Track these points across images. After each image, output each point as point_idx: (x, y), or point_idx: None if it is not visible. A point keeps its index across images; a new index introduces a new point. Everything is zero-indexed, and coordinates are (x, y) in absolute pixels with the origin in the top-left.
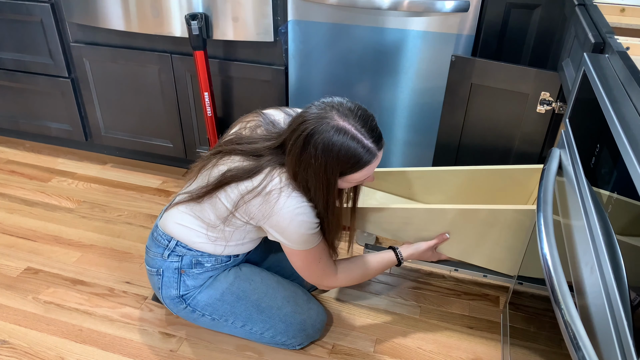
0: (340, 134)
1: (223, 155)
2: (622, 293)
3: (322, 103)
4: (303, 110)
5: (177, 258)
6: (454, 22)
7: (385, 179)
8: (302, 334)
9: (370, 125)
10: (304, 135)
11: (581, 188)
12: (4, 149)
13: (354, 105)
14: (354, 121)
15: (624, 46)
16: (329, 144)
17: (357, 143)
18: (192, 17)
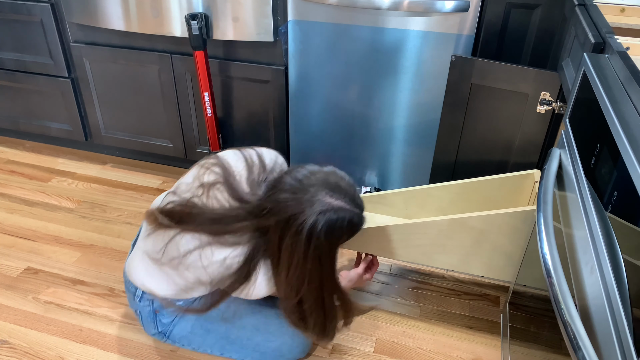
0: (337, 213)
1: (185, 230)
2: (622, 293)
3: (303, 182)
4: (285, 190)
5: (148, 302)
6: (454, 22)
7: (381, 202)
8: (280, 358)
9: (355, 193)
10: (305, 234)
11: (581, 188)
12: (4, 149)
13: (334, 176)
14: (343, 195)
15: (624, 46)
16: (331, 229)
17: (352, 214)
18: (192, 17)
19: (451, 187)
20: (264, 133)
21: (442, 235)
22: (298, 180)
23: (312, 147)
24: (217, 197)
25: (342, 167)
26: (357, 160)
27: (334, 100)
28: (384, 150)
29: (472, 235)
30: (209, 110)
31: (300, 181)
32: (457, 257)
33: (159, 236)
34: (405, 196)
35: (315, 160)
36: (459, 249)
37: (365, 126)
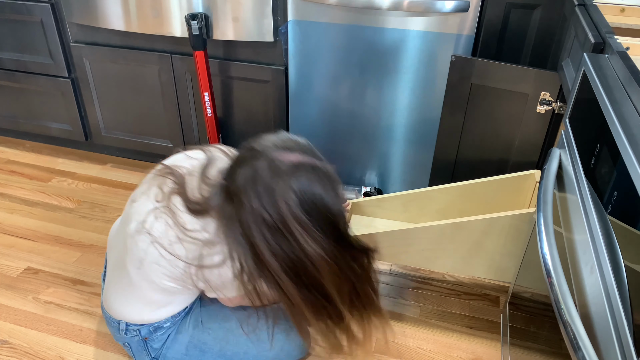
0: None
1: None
2: (622, 293)
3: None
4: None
5: (134, 332)
6: (454, 22)
7: (380, 206)
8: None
9: (306, 144)
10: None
11: (581, 188)
12: (4, 149)
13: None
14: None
15: (624, 46)
16: (307, 197)
17: (323, 171)
18: (192, 17)
19: (451, 189)
20: (263, 133)
21: (444, 239)
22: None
23: None
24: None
25: (342, 167)
26: (357, 160)
27: (334, 100)
28: (384, 150)
29: (474, 238)
30: (209, 111)
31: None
32: (459, 260)
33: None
34: (404, 199)
35: None
36: (460, 251)
37: (365, 126)
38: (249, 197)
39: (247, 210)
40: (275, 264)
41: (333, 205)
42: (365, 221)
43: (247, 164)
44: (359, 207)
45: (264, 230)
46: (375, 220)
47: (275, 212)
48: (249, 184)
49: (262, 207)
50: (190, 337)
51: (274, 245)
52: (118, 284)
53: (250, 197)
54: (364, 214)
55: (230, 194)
